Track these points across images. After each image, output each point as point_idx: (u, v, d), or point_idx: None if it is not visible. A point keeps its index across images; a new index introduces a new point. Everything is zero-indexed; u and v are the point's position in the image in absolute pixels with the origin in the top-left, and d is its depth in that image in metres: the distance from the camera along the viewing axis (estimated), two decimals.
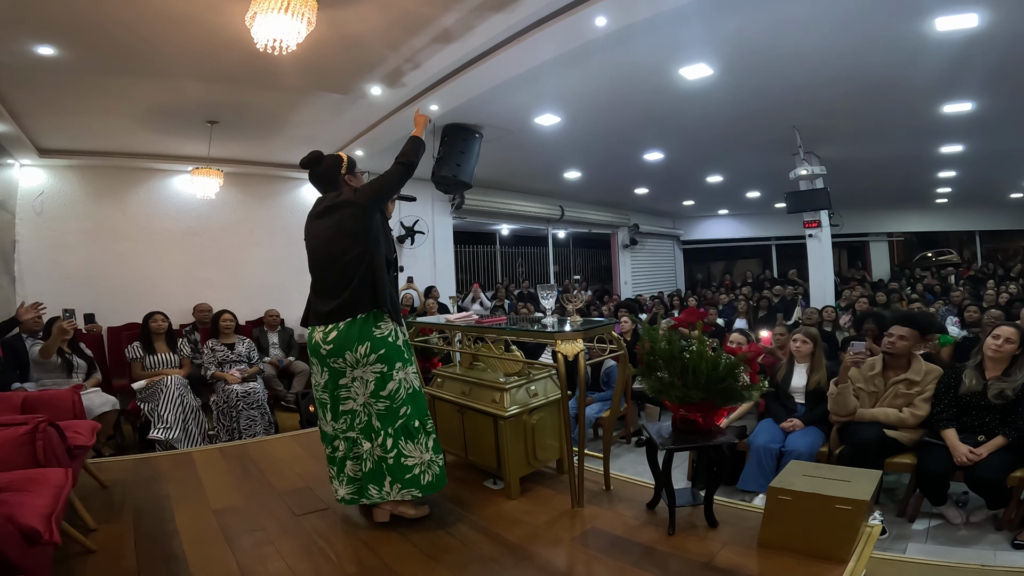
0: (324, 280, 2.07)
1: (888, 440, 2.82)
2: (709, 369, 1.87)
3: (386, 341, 2.00)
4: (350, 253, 1.99)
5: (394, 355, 2.02)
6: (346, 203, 2.02)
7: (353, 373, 1.99)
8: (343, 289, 1.98)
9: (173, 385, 3.92)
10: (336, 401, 2.05)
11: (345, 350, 1.96)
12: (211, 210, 5.76)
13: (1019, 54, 3.80)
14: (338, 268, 2.00)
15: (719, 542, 1.81)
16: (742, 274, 13.11)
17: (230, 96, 3.86)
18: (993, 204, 12.01)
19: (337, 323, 1.98)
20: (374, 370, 1.98)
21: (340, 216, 2.01)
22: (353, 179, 2.15)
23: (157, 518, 2.16)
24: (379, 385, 1.98)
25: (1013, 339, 2.73)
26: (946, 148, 6.75)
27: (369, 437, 2.01)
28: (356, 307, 1.97)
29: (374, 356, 1.97)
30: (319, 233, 2.07)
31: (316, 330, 2.04)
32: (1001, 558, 2.28)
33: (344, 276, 1.99)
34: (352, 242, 1.99)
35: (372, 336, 1.98)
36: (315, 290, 2.12)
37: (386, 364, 1.99)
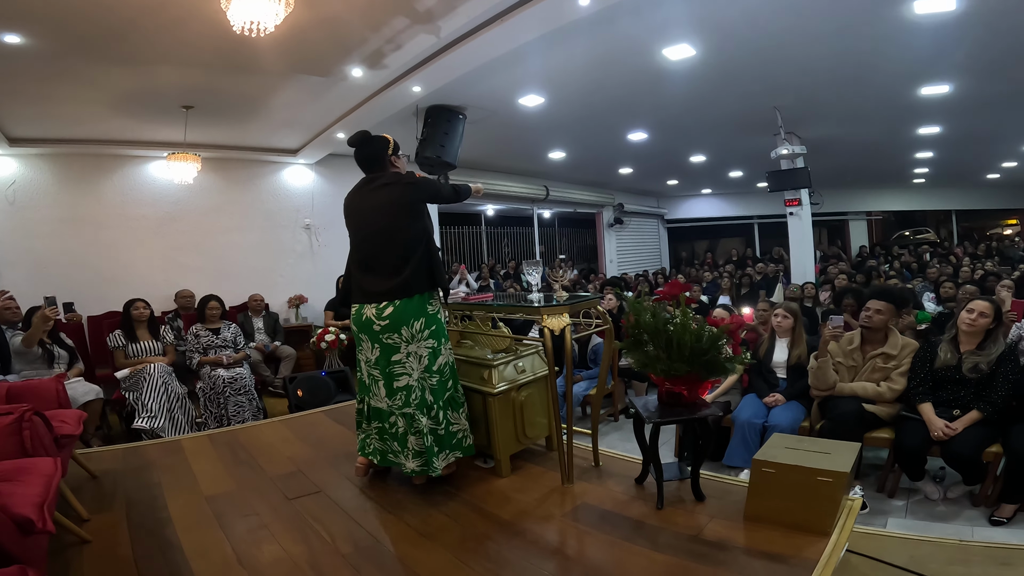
0: (377, 257, 2.10)
1: (867, 415, 2.88)
2: (693, 341, 1.90)
3: (436, 317, 2.12)
4: (408, 232, 2.04)
5: (442, 330, 2.15)
6: (409, 183, 2.08)
7: (408, 348, 2.07)
8: (401, 267, 2.03)
9: (157, 373, 3.88)
10: (391, 378, 2.09)
11: (401, 325, 2.04)
12: (190, 195, 5.64)
13: (994, 38, 3.86)
14: (394, 245, 2.05)
15: (706, 515, 1.87)
16: (725, 252, 13.27)
17: (206, 81, 3.76)
18: (969, 184, 12.30)
19: (393, 300, 2.03)
20: (427, 345, 2.09)
21: (401, 194, 2.05)
22: (397, 160, 2.21)
23: (149, 506, 2.16)
24: (431, 360, 2.09)
25: (987, 313, 2.75)
26: (924, 129, 6.86)
27: (425, 412, 2.10)
28: (415, 286, 2.05)
29: (427, 332, 2.08)
30: (375, 208, 2.08)
31: (367, 307, 2.08)
32: (979, 534, 2.36)
33: (401, 254, 2.04)
34: (411, 221, 2.05)
35: (427, 312, 2.08)
36: (364, 267, 2.14)
37: (436, 340, 2.11)
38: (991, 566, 1.68)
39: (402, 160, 2.26)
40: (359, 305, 2.13)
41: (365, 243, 2.13)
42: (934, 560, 1.70)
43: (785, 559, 1.55)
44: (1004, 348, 2.73)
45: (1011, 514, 2.46)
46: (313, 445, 2.90)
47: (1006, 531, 2.38)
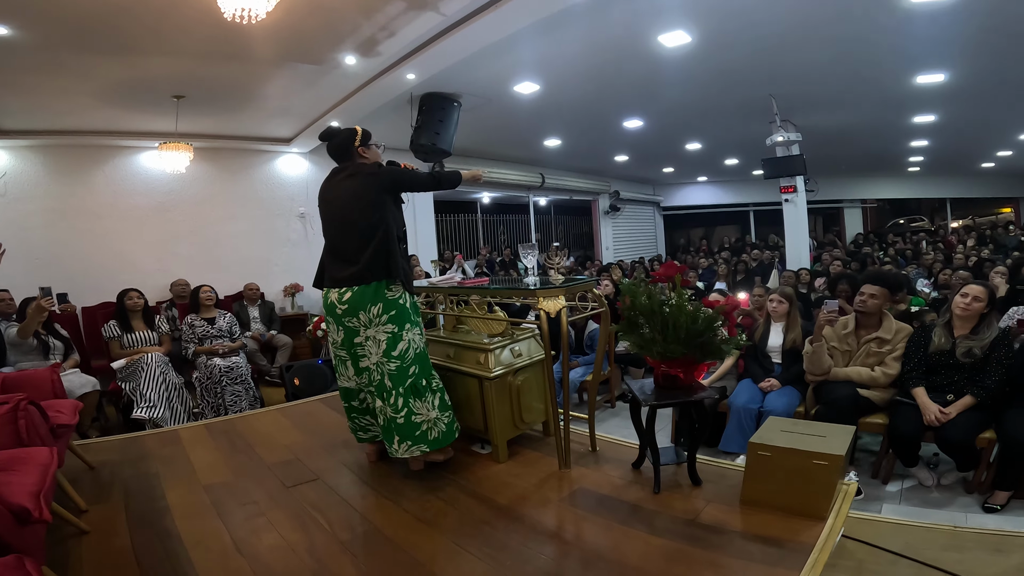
0: (340, 244, 2.17)
1: (861, 399, 2.89)
2: (688, 323, 1.89)
3: (397, 303, 2.12)
4: (366, 220, 2.09)
5: (404, 316, 2.14)
6: (369, 174, 2.14)
7: (366, 332, 2.12)
8: (359, 255, 2.10)
9: (154, 363, 3.86)
10: (356, 358, 2.18)
11: (359, 310, 2.09)
12: (183, 185, 5.60)
13: (992, 26, 3.83)
14: (354, 234, 2.12)
15: (703, 500, 1.88)
16: (720, 239, 13.29)
17: (197, 70, 3.72)
18: (964, 173, 12.33)
19: (352, 286, 2.10)
20: (386, 330, 2.10)
21: (361, 184, 2.12)
22: (366, 151, 2.23)
23: (147, 496, 2.16)
24: (391, 345, 2.10)
25: (981, 297, 2.73)
26: (919, 118, 6.85)
27: (381, 396, 2.13)
28: (372, 274, 2.09)
29: (386, 316, 2.10)
30: (338, 198, 2.17)
31: (332, 291, 2.16)
32: (972, 520, 2.36)
33: (360, 242, 2.10)
34: (369, 211, 2.10)
35: (384, 297, 2.10)
36: (330, 253, 2.23)
37: (397, 324, 2.11)
38: (984, 552, 1.68)
39: (374, 149, 2.26)
40: (327, 289, 2.22)
41: (330, 231, 2.22)
42: (928, 546, 1.71)
43: (781, 543, 1.57)
44: (998, 333, 2.73)
45: (1005, 501, 2.46)
46: (310, 433, 2.91)
47: (999, 518, 2.39)
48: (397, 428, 2.11)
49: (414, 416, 2.11)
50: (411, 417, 2.11)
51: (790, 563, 1.45)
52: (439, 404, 2.20)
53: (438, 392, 2.23)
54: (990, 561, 1.62)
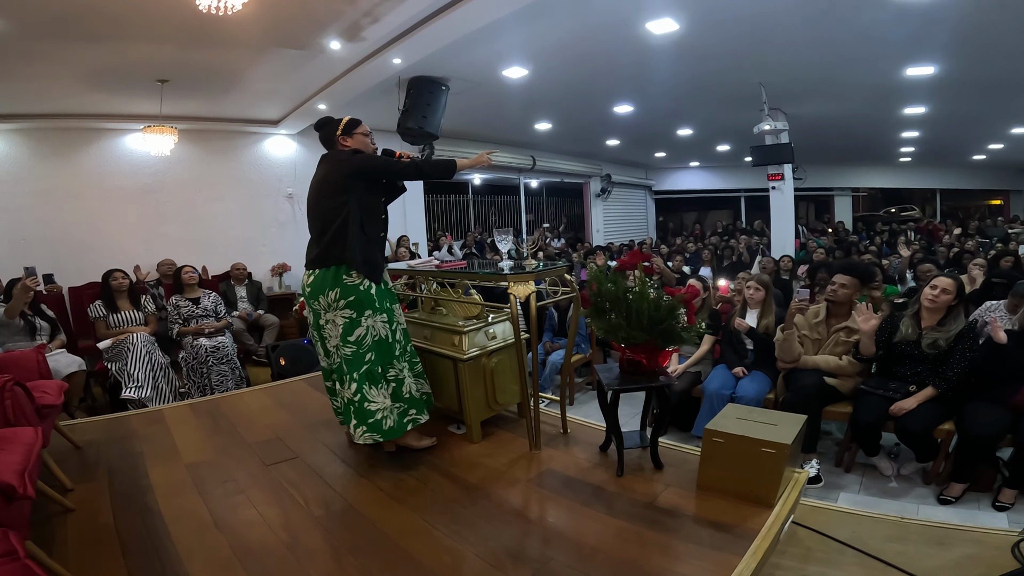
0: (311, 227, 2.24)
1: (827, 388, 2.97)
2: (651, 310, 1.95)
3: (357, 289, 2.13)
4: (326, 206, 2.14)
5: (364, 302, 2.14)
6: (338, 160, 2.18)
7: (327, 316, 2.17)
8: (320, 238, 2.15)
9: (140, 343, 3.91)
10: (323, 339, 2.25)
11: (319, 294, 2.15)
12: (168, 166, 5.60)
13: (981, 19, 3.83)
14: (318, 218, 2.17)
15: (662, 483, 1.97)
16: (713, 224, 13.35)
17: (180, 56, 3.71)
18: (954, 164, 12.39)
19: (314, 269, 2.17)
20: (343, 315, 2.13)
21: (330, 170, 2.17)
22: (349, 139, 2.25)
23: (131, 475, 2.23)
24: (347, 330, 2.13)
25: (950, 290, 2.78)
26: (909, 109, 6.87)
27: (341, 380, 2.19)
28: (329, 259, 2.14)
29: (343, 302, 2.12)
30: (314, 183, 2.24)
31: (305, 273, 2.25)
32: (923, 512, 2.44)
33: (321, 226, 2.15)
34: (330, 196, 2.14)
35: (342, 283, 2.12)
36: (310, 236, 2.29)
37: (355, 310, 2.13)
38: (926, 545, 1.75)
39: (358, 137, 2.27)
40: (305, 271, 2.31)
41: (307, 212, 2.29)
42: (873, 536, 1.78)
43: (730, 528, 1.66)
44: (964, 325, 2.77)
45: (959, 493, 2.55)
46: (293, 412, 2.98)
47: (952, 510, 2.48)
48: (356, 412, 2.15)
49: (367, 403, 2.14)
50: (364, 404, 2.14)
51: (735, 548, 1.53)
52: (392, 394, 2.20)
53: (392, 383, 2.21)
54: (930, 553, 1.69)
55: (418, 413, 2.27)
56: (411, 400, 2.25)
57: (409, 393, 2.25)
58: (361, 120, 2.32)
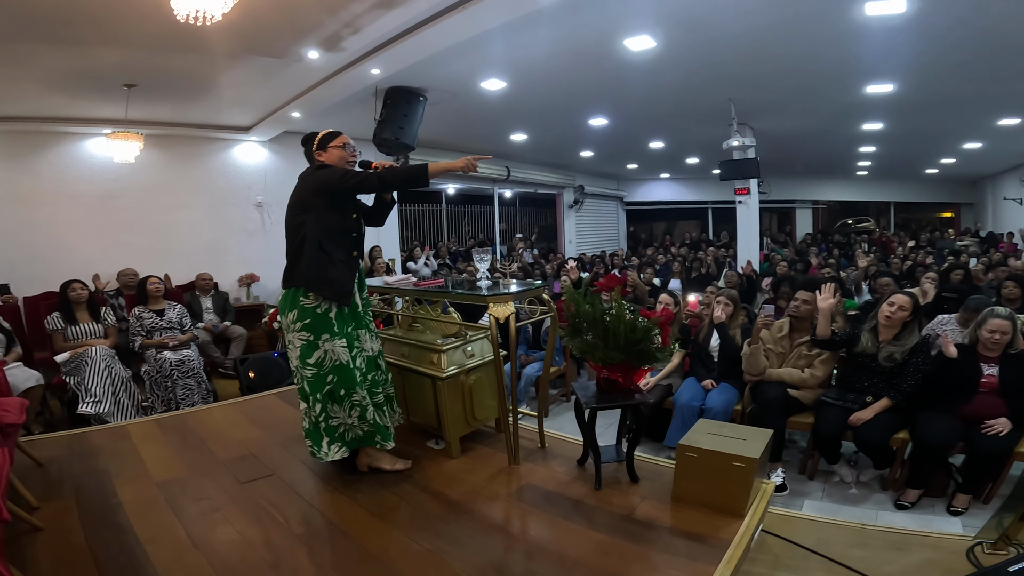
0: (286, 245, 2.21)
1: (791, 400, 3.09)
2: (627, 331, 2.01)
3: (314, 312, 2.08)
4: (290, 225, 2.11)
5: (322, 326, 2.09)
6: (304, 176, 2.15)
7: (288, 336, 2.15)
8: (287, 257, 2.12)
9: (99, 356, 3.77)
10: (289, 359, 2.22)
11: (282, 314, 2.15)
12: (131, 172, 5.41)
13: (940, 41, 4.07)
14: (287, 236, 2.15)
15: (639, 496, 2.02)
16: (681, 235, 13.71)
17: (150, 61, 3.64)
18: (908, 178, 13.07)
19: (284, 289, 2.14)
20: (300, 337, 2.10)
21: (298, 187, 2.14)
22: (324, 153, 2.19)
23: (99, 493, 2.15)
24: (305, 352, 2.09)
25: (906, 307, 2.94)
26: (868, 125, 7.23)
27: (305, 399, 2.16)
28: (289, 280, 2.11)
29: (299, 324, 2.09)
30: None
31: None
32: (884, 517, 2.57)
33: (289, 245, 2.12)
34: (294, 215, 2.10)
35: (299, 305, 2.08)
36: None
37: (311, 333, 2.08)
38: (886, 550, 1.86)
39: (332, 151, 2.17)
40: None
41: None
42: (837, 543, 1.88)
43: (704, 538, 1.72)
44: (918, 340, 2.94)
45: (915, 499, 2.70)
46: (265, 428, 2.92)
47: (909, 515, 2.61)
48: (324, 430, 2.14)
49: (332, 419, 2.13)
50: (329, 420, 2.13)
51: (709, 558, 1.60)
52: (359, 415, 2.16)
53: (357, 407, 2.15)
54: (890, 558, 1.79)
55: (383, 439, 2.20)
56: (376, 426, 2.19)
57: (373, 419, 2.18)
58: (340, 132, 2.24)
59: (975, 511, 2.58)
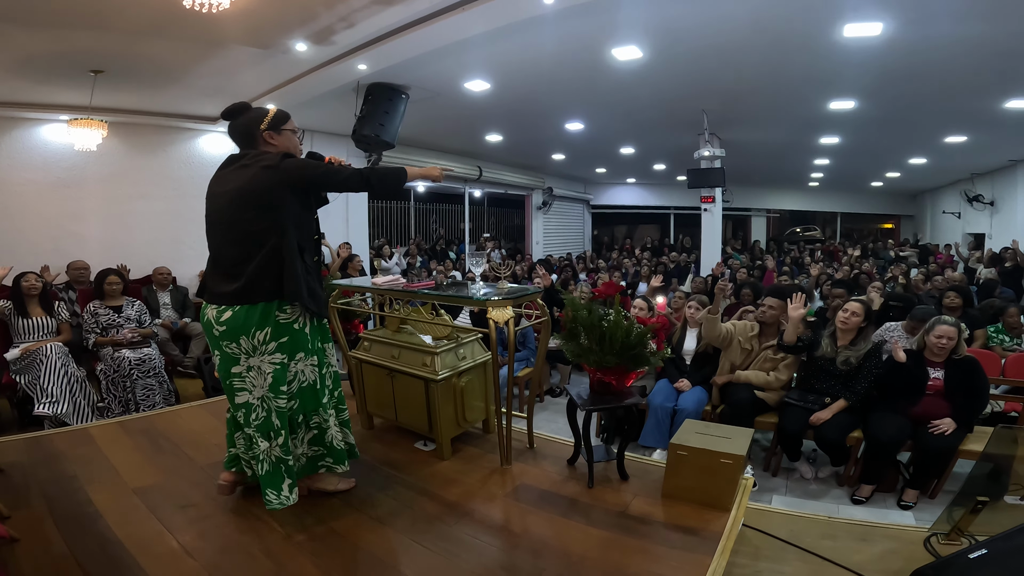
0: (220, 252, 1.77)
1: (757, 401, 3.30)
2: (623, 337, 2.10)
3: (290, 328, 1.79)
4: (255, 225, 1.70)
5: (297, 344, 1.82)
6: (266, 166, 1.72)
7: (249, 361, 1.76)
8: (242, 266, 1.71)
9: (54, 354, 3.57)
10: (231, 391, 1.82)
11: (240, 335, 1.73)
12: (87, 161, 5.13)
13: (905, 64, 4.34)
14: (235, 240, 1.72)
15: (631, 493, 2.11)
16: (642, 239, 14.09)
17: (124, 47, 3.46)
18: (855, 189, 13.91)
19: (232, 305, 1.73)
20: (272, 360, 1.77)
21: (254, 178, 1.71)
22: (276, 136, 1.83)
23: (71, 501, 2.04)
24: (279, 378, 1.78)
25: (859, 313, 3.21)
26: (825, 139, 7.65)
27: (267, 436, 1.80)
28: (257, 292, 1.72)
29: (274, 344, 1.76)
30: (225, 194, 1.74)
31: (209, 307, 1.79)
32: (843, 511, 2.77)
33: (244, 251, 1.71)
34: (260, 213, 1.70)
35: (274, 320, 1.75)
36: (211, 262, 1.83)
37: (286, 354, 1.79)
38: (852, 541, 2.01)
39: (287, 135, 1.88)
40: (205, 305, 1.82)
41: (211, 234, 1.81)
42: (808, 534, 2.03)
43: (697, 531, 1.82)
44: (871, 345, 3.20)
45: (869, 494, 2.93)
46: None
47: (864, 509, 2.83)
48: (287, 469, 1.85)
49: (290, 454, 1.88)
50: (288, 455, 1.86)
51: (704, 549, 1.70)
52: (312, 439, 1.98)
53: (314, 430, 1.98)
54: (857, 548, 1.94)
55: (335, 462, 2.02)
56: (331, 449, 2.00)
57: (331, 441, 2.00)
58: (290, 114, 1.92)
59: (923, 505, 2.83)
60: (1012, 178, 9.11)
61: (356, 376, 2.80)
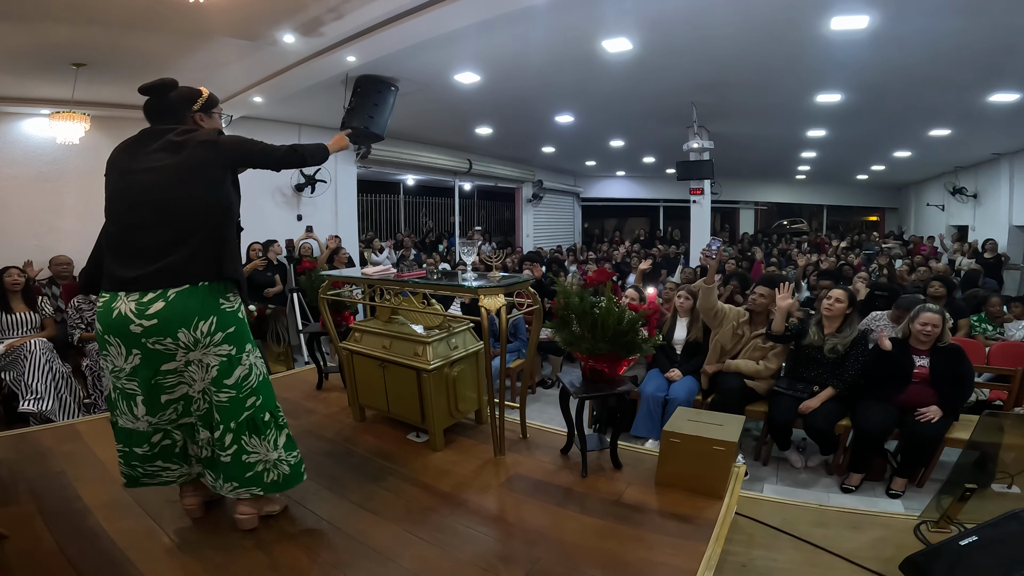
0: (142, 231, 1.56)
1: (747, 389, 3.34)
2: (615, 324, 2.11)
3: (236, 317, 1.67)
4: (194, 202, 1.58)
5: (245, 335, 1.69)
6: (205, 141, 1.63)
7: (189, 356, 1.60)
8: (175, 246, 1.55)
9: (38, 350, 3.51)
10: (157, 390, 1.62)
11: (178, 327, 1.55)
12: (69, 155, 5.03)
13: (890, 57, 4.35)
14: (170, 218, 1.56)
15: (624, 482, 2.12)
16: (632, 231, 14.13)
17: (106, 39, 3.38)
18: (841, 182, 14.03)
19: (164, 290, 1.53)
20: (219, 352, 1.62)
21: (195, 154, 1.60)
22: (206, 118, 1.77)
23: (60, 497, 2.02)
24: (224, 371, 1.63)
25: (842, 299, 3.26)
26: (812, 132, 7.68)
27: (208, 426, 1.68)
28: (197, 272, 1.57)
29: (220, 335, 1.61)
30: (151, 170, 1.59)
31: (120, 299, 1.54)
32: (833, 500, 2.81)
33: (179, 230, 1.56)
34: (202, 189, 1.59)
35: (219, 309, 1.61)
36: (120, 246, 1.59)
37: (235, 346, 1.65)
38: (844, 528, 2.04)
39: (216, 118, 1.82)
40: (110, 295, 1.57)
41: (130, 213, 1.59)
42: (800, 522, 2.05)
43: (691, 519, 1.84)
44: (857, 333, 3.25)
45: (858, 483, 2.97)
46: None
47: (854, 498, 2.87)
48: (223, 466, 1.67)
49: (245, 455, 1.68)
50: (242, 456, 1.67)
51: (698, 536, 1.72)
52: (284, 443, 1.77)
53: (284, 428, 1.79)
54: (849, 536, 1.97)
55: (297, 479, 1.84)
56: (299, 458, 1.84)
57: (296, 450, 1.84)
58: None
59: (911, 494, 2.87)
60: (995, 171, 9.24)
61: (347, 368, 2.78)
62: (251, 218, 2.45)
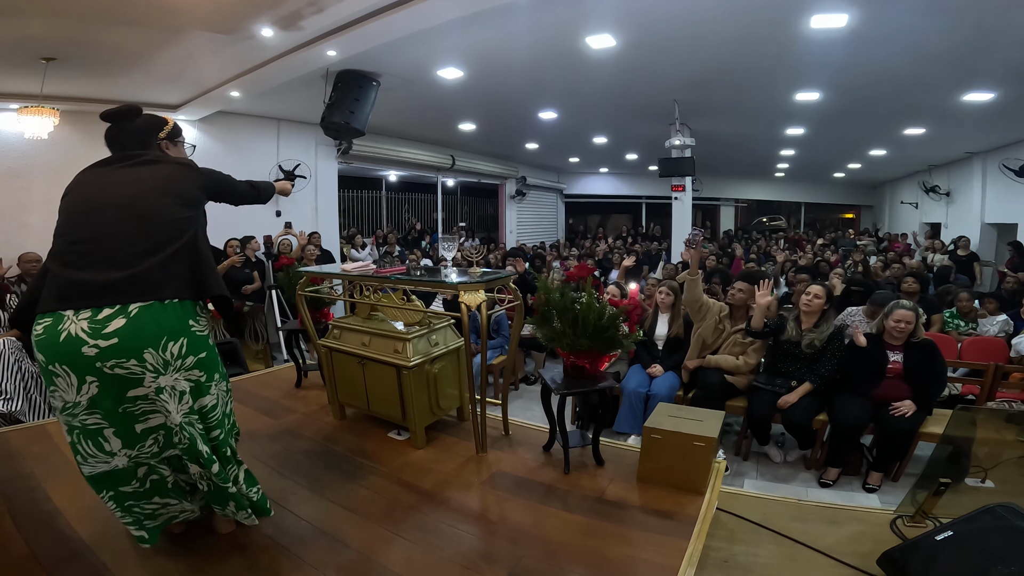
0: (103, 241, 1.41)
1: (727, 385, 3.39)
2: (596, 319, 2.10)
3: (206, 342, 1.52)
4: (169, 214, 1.48)
5: (215, 363, 1.56)
6: (184, 164, 1.64)
7: (160, 381, 1.40)
8: (150, 254, 1.40)
9: (7, 349, 3.38)
10: (128, 419, 1.42)
11: (144, 347, 1.36)
12: (38, 150, 4.91)
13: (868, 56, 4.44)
14: (141, 226, 1.43)
15: (606, 478, 2.12)
16: (615, 228, 14.22)
17: (76, 33, 3.29)
18: (818, 180, 14.33)
19: (125, 305, 1.34)
20: (190, 378, 1.47)
21: (173, 173, 1.57)
22: (172, 147, 1.73)
23: (29, 499, 1.95)
24: (195, 398, 1.49)
25: (820, 295, 3.33)
26: (791, 130, 7.83)
27: (196, 460, 1.50)
28: (168, 287, 1.42)
29: (192, 359, 1.46)
30: (123, 184, 1.50)
31: (67, 319, 1.32)
32: (812, 494, 2.85)
33: (151, 240, 1.42)
34: (179, 204, 1.51)
35: (189, 331, 1.45)
36: (75, 257, 1.40)
37: (204, 372, 1.50)
38: (822, 523, 2.05)
39: (182, 148, 1.80)
40: (54, 316, 1.34)
41: (90, 221, 1.44)
42: (780, 517, 2.06)
43: (673, 515, 1.85)
44: (833, 329, 3.32)
45: (835, 477, 3.03)
46: None
47: (832, 492, 2.92)
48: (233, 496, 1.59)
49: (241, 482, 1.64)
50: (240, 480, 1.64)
51: (680, 533, 1.73)
52: (245, 478, 1.66)
53: (243, 464, 1.68)
54: (827, 531, 1.99)
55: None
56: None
57: None
58: None
59: (887, 488, 2.94)
60: (968, 170, 9.50)
61: (326, 365, 2.75)
62: (229, 214, 2.42)
